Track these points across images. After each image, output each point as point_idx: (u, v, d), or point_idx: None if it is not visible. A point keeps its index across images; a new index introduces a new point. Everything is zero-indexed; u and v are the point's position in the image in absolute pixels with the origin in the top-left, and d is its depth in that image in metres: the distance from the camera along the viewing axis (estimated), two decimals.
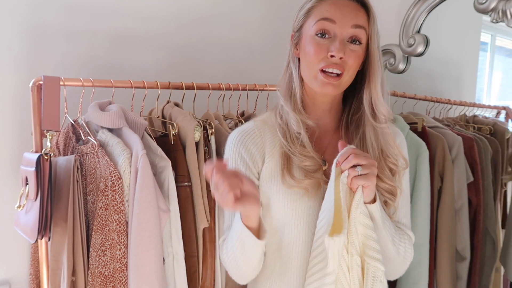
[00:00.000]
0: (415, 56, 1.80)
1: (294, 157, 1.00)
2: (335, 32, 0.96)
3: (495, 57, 1.89)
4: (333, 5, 0.97)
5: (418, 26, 1.69)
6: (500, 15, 1.47)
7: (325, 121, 1.07)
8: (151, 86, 1.34)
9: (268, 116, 1.09)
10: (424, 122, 1.56)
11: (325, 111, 1.06)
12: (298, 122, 1.01)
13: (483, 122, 1.87)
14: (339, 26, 0.96)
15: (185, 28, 1.78)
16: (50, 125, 1.18)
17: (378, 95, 0.99)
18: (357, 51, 0.97)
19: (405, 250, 1.03)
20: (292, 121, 1.02)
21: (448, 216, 1.51)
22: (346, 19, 0.95)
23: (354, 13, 0.96)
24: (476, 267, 1.59)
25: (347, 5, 0.97)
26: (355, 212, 0.91)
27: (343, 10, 0.96)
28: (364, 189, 0.91)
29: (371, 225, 0.92)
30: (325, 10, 0.97)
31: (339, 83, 0.98)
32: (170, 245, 1.25)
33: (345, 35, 0.96)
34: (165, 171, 1.24)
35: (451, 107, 1.90)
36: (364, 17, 0.98)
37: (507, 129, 1.82)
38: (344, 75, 0.97)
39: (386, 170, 1.01)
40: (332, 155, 1.03)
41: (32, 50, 1.48)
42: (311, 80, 1.00)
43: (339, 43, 0.95)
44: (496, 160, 1.74)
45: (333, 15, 0.96)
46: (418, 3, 1.68)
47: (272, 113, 1.08)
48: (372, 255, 0.91)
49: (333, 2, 0.97)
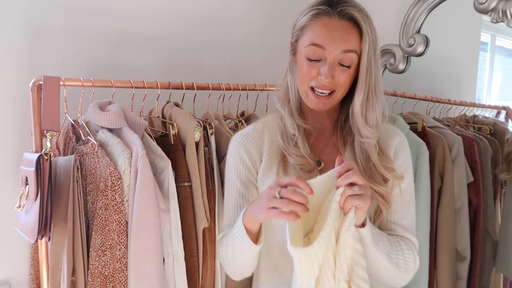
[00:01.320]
0: (415, 56, 1.80)
1: (289, 157, 1.02)
2: (325, 56, 0.96)
3: (495, 57, 1.89)
4: (324, 29, 0.96)
5: (418, 26, 1.69)
6: (500, 15, 1.47)
7: (322, 123, 1.09)
8: (151, 86, 1.34)
9: (271, 117, 1.13)
10: (424, 122, 1.56)
11: (322, 116, 1.09)
12: (294, 125, 1.04)
13: (483, 122, 1.87)
14: (329, 52, 0.96)
15: (185, 28, 1.78)
16: (50, 125, 1.18)
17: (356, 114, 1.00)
18: (348, 71, 0.98)
19: (405, 261, 1.01)
20: (288, 124, 1.05)
21: (448, 216, 1.51)
22: (336, 45, 0.95)
23: (344, 38, 0.95)
24: (476, 267, 1.59)
25: (339, 28, 0.96)
26: (345, 235, 0.85)
27: (334, 34, 0.95)
28: (358, 211, 0.86)
29: (360, 250, 0.87)
30: (316, 35, 0.96)
31: (330, 101, 1.00)
32: (170, 245, 1.25)
33: (334, 60, 0.96)
34: (165, 171, 1.24)
35: (451, 107, 1.89)
36: (355, 39, 0.96)
37: (507, 129, 1.82)
38: (336, 93, 0.99)
39: (377, 176, 1.01)
40: (329, 155, 1.06)
41: (32, 50, 1.48)
42: (304, 96, 1.03)
43: (328, 68, 0.96)
44: (496, 160, 1.74)
45: (323, 41, 0.95)
46: (418, 3, 1.68)
47: (275, 115, 1.12)
48: (359, 284, 0.86)
49: (325, 25, 0.96)
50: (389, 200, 1.01)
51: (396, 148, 1.07)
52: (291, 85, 1.07)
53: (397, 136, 1.09)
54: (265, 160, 1.06)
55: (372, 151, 1.01)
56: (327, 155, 1.06)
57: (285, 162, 1.03)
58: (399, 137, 1.09)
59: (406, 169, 1.07)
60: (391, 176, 1.02)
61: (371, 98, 0.99)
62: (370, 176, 1.00)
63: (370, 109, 1.00)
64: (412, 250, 1.04)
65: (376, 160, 1.01)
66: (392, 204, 1.04)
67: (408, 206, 1.07)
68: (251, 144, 1.08)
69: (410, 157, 1.09)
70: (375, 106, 1.00)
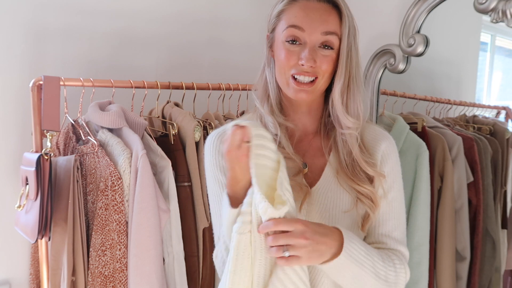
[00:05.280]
0: (415, 56, 1.80)
1: None
2: (305, 39, 0.92)
3: (495, 57, 1.89)
4: (302, 10, 0.92)
5: (418, 26, 1.69)
6: (500, 15, 1.47)
7: (304, 123, 1.02)
8: (151, 86, 1.34)
9: (250, 117, 1.06)
10: (424, 122, 1.56)
11: (304, 113, 1.02)
12: (275, 124, 0.97)
13: (483, 122, 1.87)
14: (308, 33, 0.91)
15: (185, 28, 1.78)
16: (50, 125, 1.18)
17: (336, 103, 0.95)
18: (330, 55, 0.93)
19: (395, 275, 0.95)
20: (269, 124, 0.98)
21: (448, 216, 1.51)
22: (315, 26, 0.91)
23: (323, 18, 0.92)
24: (476, 267, 1.59)
25: (317, 9, 0.92)
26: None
27: (313, 15, 0.91)
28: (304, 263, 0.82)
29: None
30: (294, 16, 0.92)
31: (313, 89, 0.94)
32: (170, 245, 1.25)
33: (315, 42, 0.92)
34: (165, 171, 1.24)
35: (451, 107, 1.89)
36: (335, 20, 0.92)
37: (507, 129, 1.82)
38: (319, 80, 0.93)
39: (360, 173, 0.96)
40: (312, 158, 1.00)
41: (33, 50, 1.48)
42: (284, 86, 0.96)
43: (309, 51, 0.91)
44: (496, 160, 1.74)
45: (302, 22, 0.91)
46: (418, 3, 1.68)
47: (254, 114, 1.05)
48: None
49: (302, 7, 0.93)
50: (375, 201, 0.96)
51: (384, 153, 1.00)
52: (269, 79, 1.00)
53: (385, 140, 1.01)
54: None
55: (353, 143, 0.96)
56: (310, 158, 1.00)
57: None
58: (387, 141, 1.01)
59: (395, 177, 1.00)
60: (373, 172, 0.96)
61: (352, 86, 0.95)
62: (353, 174, 0.96)
63: (350, 97, 0.95)
64: (403, 263, 0.98)
65: (357, 152, 0.95)
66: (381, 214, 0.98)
67: (399, 216, 1.01)
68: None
69: (399, 163, 1.02)
70: (356, 95, 0.95)
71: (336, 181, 0.97)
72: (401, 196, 1.02)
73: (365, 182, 0.95)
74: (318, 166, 1.00)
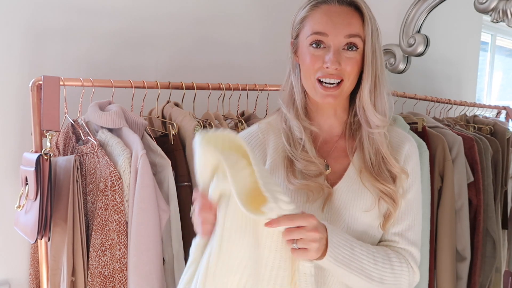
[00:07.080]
0: (415, 56, 1.80)
1: (296, 162, 0.99)
2: (329, 43, 0.94)
3: (496, 57, 1.90)
4: (325, 15, 0.94)
5: (418, 26, 1.69)
6: (501, 15, 1.47)
7: (330, 125, 1.05)
8: (151, 86, 1.34)
9: (274, 119, 1.09)
10: (424, 122, 1.56)
11: (329, 116, 1.04)
12: (300, 128, 1.00)
13: (483, 122, 1.87)
14: (332, 38, 0.94)
15: (185, 28, 1.78)
16: (50, 125, 1.18)
17: (365, 102, 0.97)
18: (354, 57, 0.95)
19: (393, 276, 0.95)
20: (294, 128, 1.02)
21: (448, 216, 1.51)
22: (338, 30, 0.93)
23: (346, 22, 0.94)
24: (476, 267, 1.59)
25: (340, 13, 0.94)
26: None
27: (335, 20, 0.94)
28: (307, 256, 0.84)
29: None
30: (318, 22, 0.95)
31: (339, 92, 0.96)
32: (170, 245, 1.25)
33: (339, 45, 0.94)
34: (165, 171, 1.24)
35: (451, 107, 1.90)
36: (358, 23, 0.95)
37: (508, 129, 1.82)
38: (344, 83, 0.96)
39: (385, 172, 0.98)
40: (335, 160, 1.02)
41: (32, 50, 1.47)
42: (311, 90, 0.99)
43: (333, 54, 0.93)
44: (496, 160, 1.74)
45: (325, 27, 0.94)
46: (418, 3, 1.68)
47: (278, 116, 1.08)
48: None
49: (325, 12, 0.95)
50: (396, 200, 0.98)
51: (406, 154, 1.03)
52: (295, 84, 1.03)
53: (408, 142, 1.05)
54: (269, 162, 1.03)
55: (382, 141, 0.99)
56: (334, 159, 1.03)
57: (292, 167, 0.99)
58: (410, 143, 1.06)
59: (415, 178, 1.03)
60: (399, 169, 0.99)
61: (379, 85, 0.97)
62: (377, 173, 0.98)
63: (378, 96, 0.98)
64: (408, 264, 0.99)
65: (386, 150, 0.99)
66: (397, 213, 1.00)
67: (415, 217, 1.03)
68: (255, 144, 1.05)
69: (419, 166, 1.06)
70: (382, 93, 0.98)
71: (359, 180, 0.99)
72: (419, 198, 1.04)
73: (388, 181, 0.98)
74: (342, 167, 1.02)
